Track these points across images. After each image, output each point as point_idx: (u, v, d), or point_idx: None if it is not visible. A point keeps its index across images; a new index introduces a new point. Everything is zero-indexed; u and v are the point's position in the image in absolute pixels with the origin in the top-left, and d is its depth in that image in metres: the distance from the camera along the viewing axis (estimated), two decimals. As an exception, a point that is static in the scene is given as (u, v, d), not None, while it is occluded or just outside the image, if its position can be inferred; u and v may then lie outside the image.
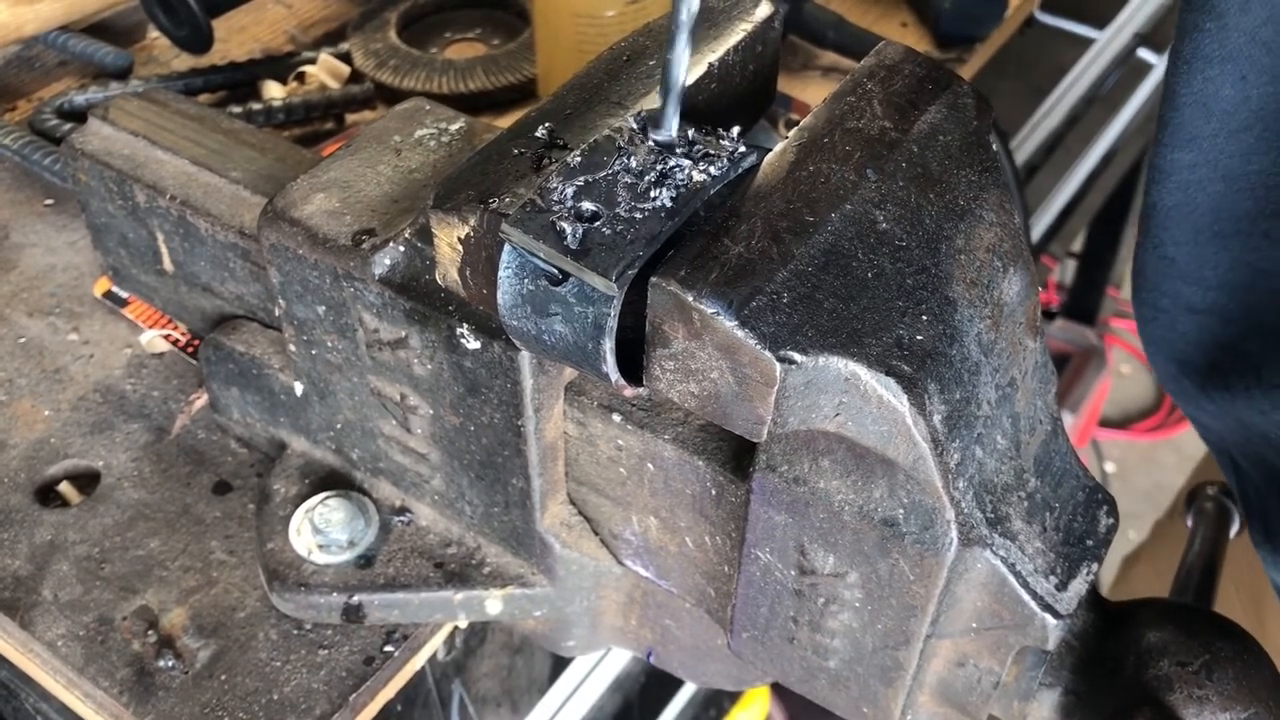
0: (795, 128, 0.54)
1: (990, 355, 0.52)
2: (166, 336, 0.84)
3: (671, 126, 0.51)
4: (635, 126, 0.52)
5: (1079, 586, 0.53)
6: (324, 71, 1.08)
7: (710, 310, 0.46)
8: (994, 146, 0.56)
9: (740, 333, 0.46)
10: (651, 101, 0.57)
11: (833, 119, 0.54)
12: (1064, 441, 0.57)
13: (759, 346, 0.46)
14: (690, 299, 0.47)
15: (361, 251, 0.60)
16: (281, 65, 1.08)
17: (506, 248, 0.49)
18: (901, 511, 0.52)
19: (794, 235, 0.49)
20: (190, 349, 0.84)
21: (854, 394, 0.48)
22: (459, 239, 0.52)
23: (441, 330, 0.59)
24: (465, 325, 0.57)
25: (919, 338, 0.49)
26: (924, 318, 0.50)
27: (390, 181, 0.64)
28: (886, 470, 0.51)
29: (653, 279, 0.47)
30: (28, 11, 1.01)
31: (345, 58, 1.09)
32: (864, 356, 0.47)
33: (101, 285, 0.87)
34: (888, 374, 0.47)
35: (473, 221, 0.51)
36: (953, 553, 0.51)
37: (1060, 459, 0.57)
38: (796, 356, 0.46)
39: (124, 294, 0.86)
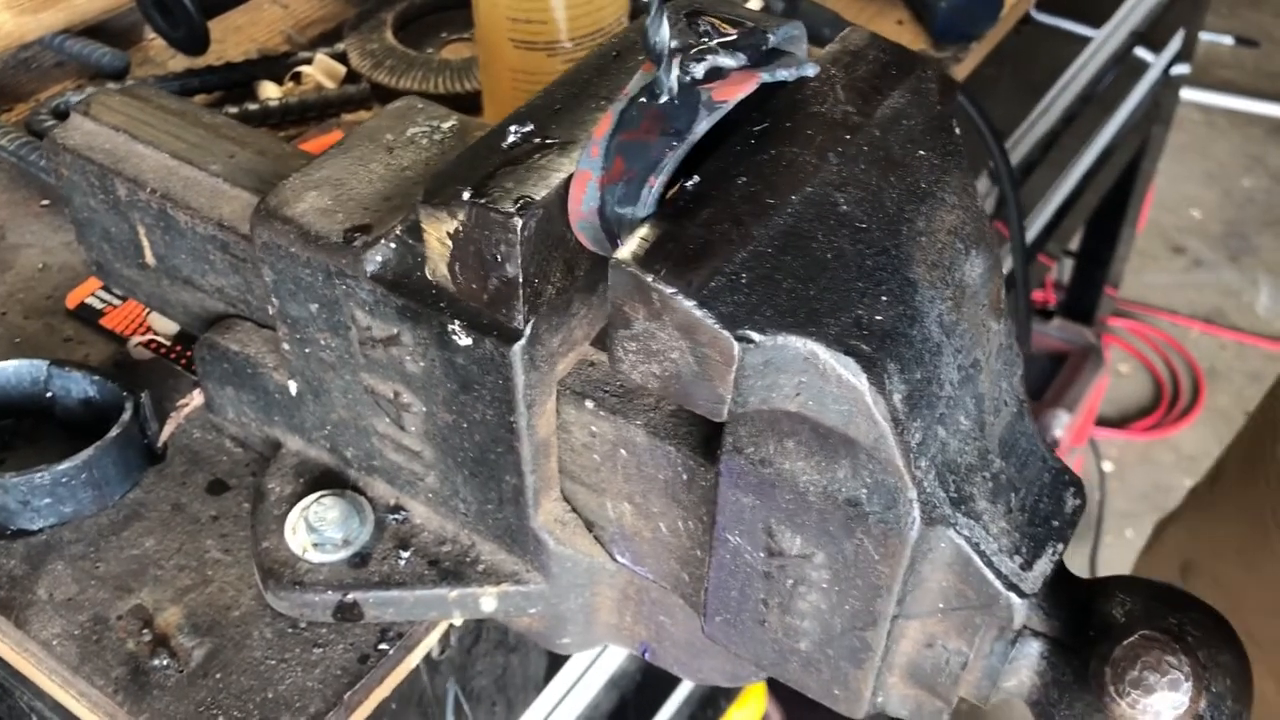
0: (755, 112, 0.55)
1: (952, 336, 0.53)
2: (149, 344, 0.84)
3: (673, 86, 0.52)
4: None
5: (1044, 566, 0.54)
6: (320, 72, 1.08)
7: (669, 291, 0.48)
8: (956, 130, 0.57)
9: (699, 312, 0.47)
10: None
11: (795, 103, 0.55)
12: (1029, 423, 0.58)
13: (717, 326, 0.47)
14: (649, 279, 0.48)
15: (353, 249, 0.60)
16: (278, 65, 1.08)
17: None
18: (865, 491, 0.52)
19: (754, 217, 0.50)
20: (172, 354, 0.84)
21: (813, 373, 0.49)
22: (448, 234, 0.53)
23: (433, 327, 0.59)
24: (457, 321, 0.57)
25: (878, 318, 0.50)
26: (884, 298, 0.50)
27: (382, 179, 0.64)
28: (849, 450, 0.51)
29: (612, 260, 0.49)
30: (31, 21, 1.02)
31: (341, 58, 1.09)
32: (822, 336, 0.48)
33: (74, 298, 0.87)
34: (846, 353, 0.48)
35: (461, 216, 0.51)
36: (915, 532, 0.51)
37: (1026, 440, 0.57)
38: (754, 336, 0.47)
39: (99, 305, 0.86)
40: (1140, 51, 1.74)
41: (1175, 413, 2.68)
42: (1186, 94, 2.31)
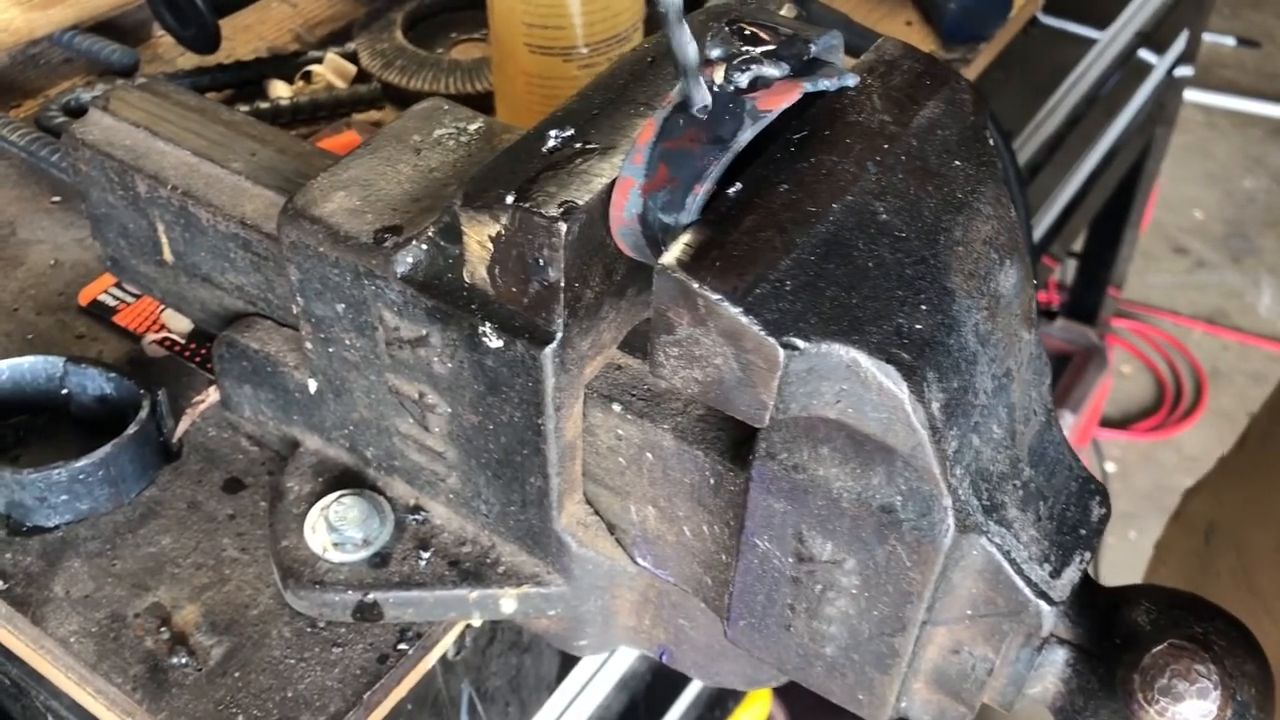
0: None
1: (987, 346, 0.53)
2: (163, 341, 0.84)
3: (704, 99, 0.52)
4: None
5: (1072, 574, 0.54)
6: (330, 71, 1.08)
7: (715, 297, 0.48)
8: (991, 141, 0.57)
9: (745, 319, 0.47)
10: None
11: (833, 112, 0.55)
12: (1058, 432, 0.58)
13: (763, 333, 0.47)
14: (695, 286, 0.48)
15: (384, 250, 0.60)
16: (288, 64, 1.08)
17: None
18: (899, 498, 0.52)
19: (796, 225, 0.50)
20: (186, 352, 0.84)
21: (855, 381, 0.49)
22: (489, 237, 0.53)
23: (463, 329, 0.59)
24: (488, 324, 0.58)
25: (918, 327, 0.50)
26: (923, 307, 0.51)
27: (410, 180, 0.64)
28: (885, 457, 0.51)
29: (657, 266, 0.49)
30: (40, 17, 1.02)
31: (352, 57, 1.09)
32: (865, 344, 0.48)
33: (87, 294, 0.87)
34: (888, 361, 0.48)
35: (504, 219, 0.52)
36: (949, 539, 0.52)
37: (1054, 449, 0.58)
38: (799, 343, 0.48)
39: (112, 302, 0.86)
40: (1144, 53, 1.74)
41: (1178, 414, 2.68)
42: (1188, 95, 2.31)
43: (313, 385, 0.70)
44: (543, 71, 0.91)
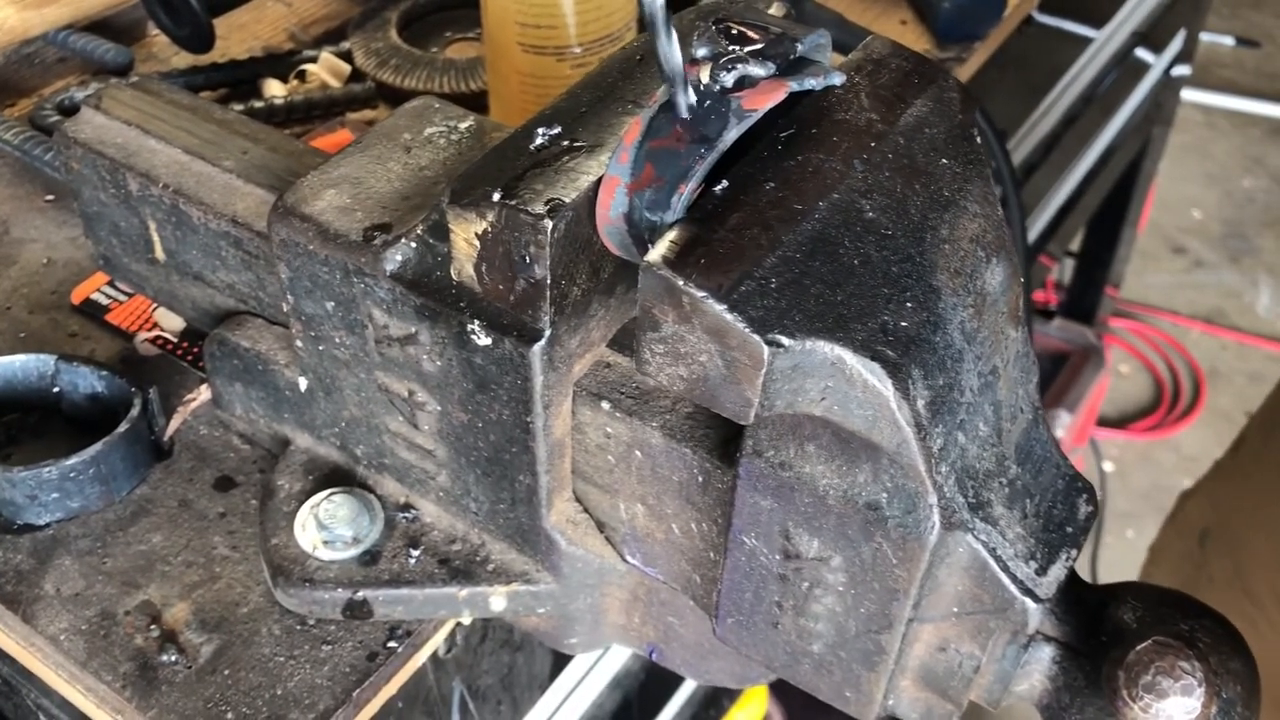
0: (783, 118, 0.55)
1: (973, 343, 0.53)
2: (155, 339, 0.84)
3: (684, 108, 0.52)
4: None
5: (1058, 572, 0.54)
6: (325, 70, 1.08)
7: (700, 294, 0.48)
8: (978, 139, 0.57)
9: (729, 316, 0.48)
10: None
11: (821, 111, 0.55)
12: (1044, 430, 0.58)
13: (747, 330, 0.47)
14: (680, 283, 0.48)
15: (373, 248, 0.60)
16: (282, 63, 1.08)
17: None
18: (885, 495, 0.52)
19: (782, 223, 0.50)
20: (179, 351, 0.84)
21: (840, 378, 0.49)
22: (476, 234, 0.53)
23: (452, 326, 0.59)
24: (476, 321, 0.58)
25: (903, 324, 0.50)
26: (908, 305, 0.51)
27: (401, 179, 0.64)
28: (871, 455, 0.52)
29: (643, 263, 0.49)
30: (34, 16, 1.02)
31: (346, 56, 1.09)
32: (850, 341, 0.48)
33: (80, 293, 0.87)
34: (873, 359, 0.48)
35: (490, 217, 0.52)
36: (935, 536, 0.52)
37: (1041, 447, 0.58)
38: (784, 340, 0.48)
39: (104, 301, 0.86)
40: (1141, 52, 1.74)
41: (1176, 413, 2.68)
42: (1187, 94, 2.32)
43: (303, 383, 0.70)
44: (536, 71, 0.91)
